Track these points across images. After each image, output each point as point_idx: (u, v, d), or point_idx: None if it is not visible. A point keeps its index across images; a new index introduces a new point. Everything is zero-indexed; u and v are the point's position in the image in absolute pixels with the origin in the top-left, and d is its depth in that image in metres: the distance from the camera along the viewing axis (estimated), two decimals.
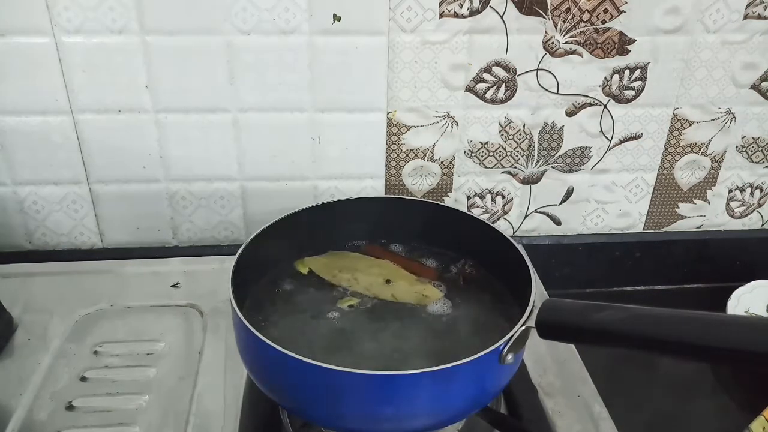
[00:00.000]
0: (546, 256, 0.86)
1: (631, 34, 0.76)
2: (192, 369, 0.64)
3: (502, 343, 0.47)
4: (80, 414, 0.59)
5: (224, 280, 0.52)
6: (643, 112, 0.81)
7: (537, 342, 0.50)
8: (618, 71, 0.78)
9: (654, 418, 0.69)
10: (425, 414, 0.48)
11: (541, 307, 0.48)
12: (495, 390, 0.53)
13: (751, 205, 0.91)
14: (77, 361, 0.64)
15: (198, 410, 0.59)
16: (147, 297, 0.74)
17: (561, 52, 0.76)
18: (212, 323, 0.70)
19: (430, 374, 0.45)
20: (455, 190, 0.84)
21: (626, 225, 0.90)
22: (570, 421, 0.60)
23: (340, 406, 0.48)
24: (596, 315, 0.45)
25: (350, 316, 0.58)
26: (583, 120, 0.81)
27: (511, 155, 0.82)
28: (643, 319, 0.44)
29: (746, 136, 0.85)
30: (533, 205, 0.87)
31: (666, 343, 0.43)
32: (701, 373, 0.75)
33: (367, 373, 0.45)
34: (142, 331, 0.69)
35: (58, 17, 0.68)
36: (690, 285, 0.90)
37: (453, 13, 0.72)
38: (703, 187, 0.88)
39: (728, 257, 0.90)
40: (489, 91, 0.77)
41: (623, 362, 0.75)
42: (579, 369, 0.66)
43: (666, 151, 0.84)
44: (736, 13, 0.76)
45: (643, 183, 0.87)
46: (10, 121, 0.73)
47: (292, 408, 0.54)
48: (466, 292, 0.61)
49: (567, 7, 0.73)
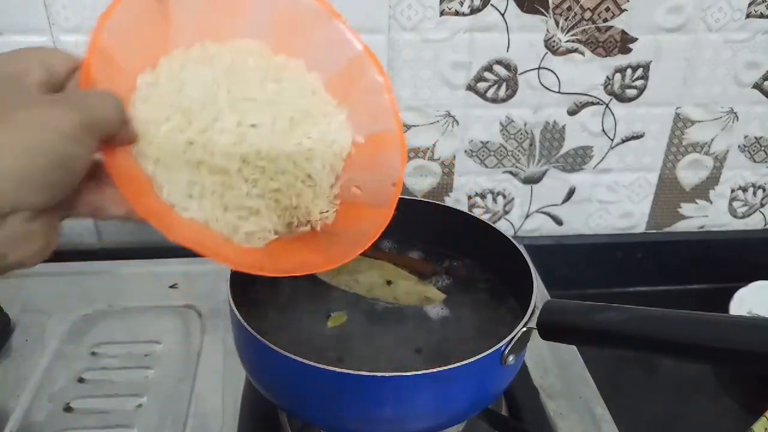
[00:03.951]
0: (547, 257, 0.86)
1: (633, 33, 0.75)
2: (190, 370, 0.64)
3: (503, 345, 0.47)
4: (78, 415, 0.59)
5: (223, 280, 0.51)
6: (645, 112, 0.81)
7: (538, 343, 0.49)
8: (620, 70, 0.78)
9: (656, 420, 0.69)
10: (426, 415, 0.48)
11: (542, 308, 0.48)
12: (496, 391, 0.52)
13: (753, 206, 0.90)
14: (75, 362, 0.64)
15: (196, 411, 0.59)
16: (145, 298, 0.73)
17: (562, 51, 0.75)
18: (211, 324, 0.70)
19: (430, 375, 0.44)
20: (456, 189, 0.84)
21: (628, 225, 0.89)
22: (571, 423, 0.60)
23: (340, 407, 0.47)
24: (598, 316, 0.45)
25: (350, 317, 0.58)
26: (585, 119, 0.80)
27: (513, 155, 0.82)
28: (645, 320, 0.44)
29: (749, 136, 0.84)
30: (534, 205, 0.86)
31: (668, 344, 0.43)
32: (703, 374, 0.75)
33: (367, 374, 0.45)
34: (141, 332, 0.69)
35: (56, 16, 0.68)
36: (692, 285, 0.90)
37: (454, 11, 0.72)
38: (706, 187, 0.88)
39: (731, 258, 0.90)
40: (490, 90, 0.77)
41: (625, 363, 0.75)
42: (581, 370, 0.66)
43: (668, 151, 0.84)
44: (738, 12, 0.75)
45: (646, 183, 0.86)
46: None
47: (291, 409, 0.54)
48: (466, 293, 0.61)
49: (569, 5, 0.73)
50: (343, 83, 0.46)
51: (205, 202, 0.41)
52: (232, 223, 0.42)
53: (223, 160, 0.41)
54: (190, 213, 0.41)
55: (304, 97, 0.44)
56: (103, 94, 0.37)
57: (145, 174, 0.40)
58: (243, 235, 0.43)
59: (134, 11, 0.39)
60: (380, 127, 0.46)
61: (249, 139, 0.41)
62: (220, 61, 0.42)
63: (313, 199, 0.45)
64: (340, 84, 0.46)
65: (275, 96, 0.43)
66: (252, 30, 0.44)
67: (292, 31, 0.44)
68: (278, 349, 0.45)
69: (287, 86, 0.44)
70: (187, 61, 0.42)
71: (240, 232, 0.43)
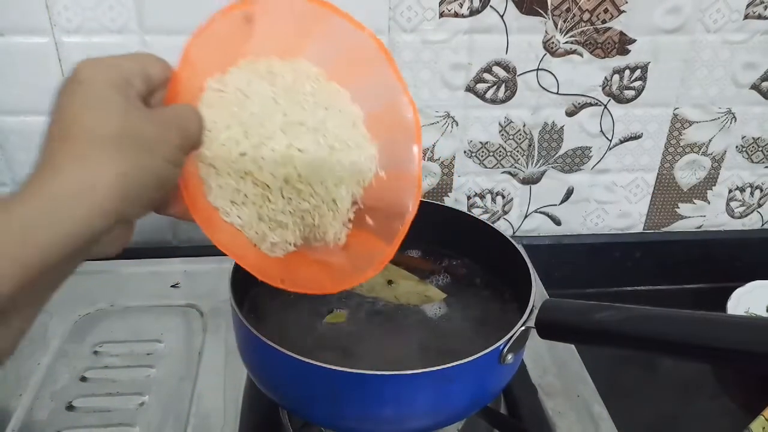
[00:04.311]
0: (546, 257, 0.86)
1: (632, 34, 0.76)
2: (192, 369, 0.64)
3: (502, 343, 0.47)
4: (80, 414, 0.59)
5: (224, 280, 0.52)
6: (643, 112, 0.81)
7: (537, 342, 0.50)
8: (618, 71, 0.78)
9: (654, 419, 0.69)
10: (425, 414, 0.48)
11: (541, 307, 0.48)
12: (495, 390, 0.53)
13: (751, 206, 0.91)
14: (77, 361, 0.64)
15: (198, 410, 0.59)
16: (147, 297, 0.73)
17: (561, 52, 0.76)
18: (212, 323, 0.70)
19: (430, 374, 0.45)
20: (455, 190, 0.84)
21: (626, 225, 0.90)
22: (570, 422, 0.60)
23: (340, 406, 0.48)
24: (596, 315, 0.45)
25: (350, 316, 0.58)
26: (584, 120, 0.81)
27: (511, 155, 0.82)
28: (643, 320, 0.44)
29: (746, 136, 0.85)
30: (533, 205, 0.87)
31: (666, 344, 0.43)
32: (701, 373, 0.75)
33: (367, 373, 0.45)
34: (142, 331, 0.69)
35: (58, 17, 0.68)
36: (690, 285, 0.90)
37: (453, 13, 0.72)
38: (703, 187, 0.88)
39: (728, 257, 0.90)
40: (489, 91, 0.77)
41: (623, 362, 0.75)
42: (579, 369, 0.66)
43: (666, 151, 0.84)
44: (736, 13, 0.76)
45: (643, 183, 0.86)
46: (10, 121, 0.73)
47: (292, 408, 0.54)
48: (466, 293, 0.61)
49: (567, 6, 0.73)
50: (379, 121, 0.49)
51: (245, 210, 0.44)
52: (262, 232, 0.46)
53: (269, 176, 0.44)
54: (230, 218, 0.44)
55: (346, 127, 0.47)
56: (192, 112, 0.39)
57: (198, 176, 0.43)
58: (269, 244, 0.46)
59: (224, 28, 0.42)
60: (403, 168, 0.50)
61: (295, 162, 0.44)
62: (282, 80, 0.45)
63: (331, 220, 0.48)
64: (375, 120, 0.49)
65: (322, 123, 0.46)
66: (316, 54, 0.47)
67: (350, 64, 0.47)
68: (279, 348, 0.46)
69: (333, 114, 0.47)
70: (254, 74, 0.44)
71: (267, 241, 0.46)
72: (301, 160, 0.44)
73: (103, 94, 0.34)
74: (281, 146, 0.44)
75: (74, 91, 0.34)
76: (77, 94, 0.34)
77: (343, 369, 0.45)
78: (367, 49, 0.47)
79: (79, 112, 0.34)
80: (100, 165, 0.33)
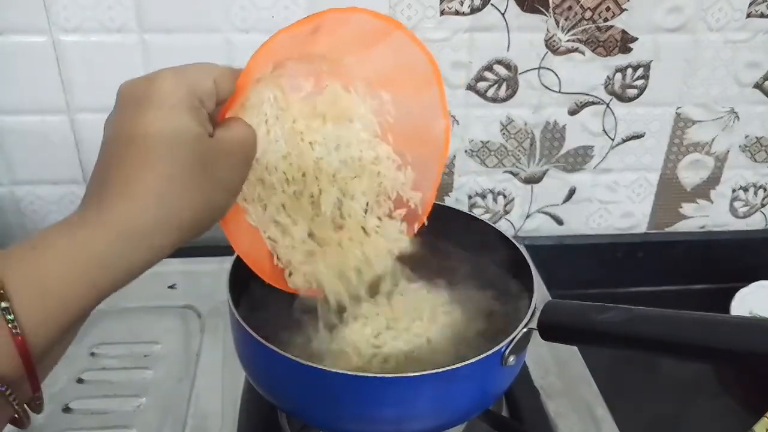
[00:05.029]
0: (548, 257, 0.85)
1: (634, 33, 0.75)
2: (190, 370, 0.64)
3: (503, 345, 0.47)
4: (77, 416, 0.59)
5: (222, 281, 0.51)
6: (645, 111, 0.81)
7: (539, 344, 0.49)
8: (620, 70, 0.77)
9: (656, 420, 0.69)
10: (426, 417, 0.48)
11: (543, 309, 0.48)
12: (497, 392, 0.52)
13: (754, 206, 0.90)
14: (74, 362, 0.64)
15: (196, 412, 0.59)
16: (144, 298, 0.73)
17: (563, 51, 0.75)
18: (210, 324, 0.69)
19: (431, 376, 0.44)
20: (456, 189, 0.83)
21: (629, 225, 0.89)
22: (572, 424, 0.60)
23: (339, 408, 0.47)
24: (599, 316, 0.45)
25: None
26: (586, 119, 0.80)
27: (513, 154, 0.82)
28: (645, 321, 0.44)
29: (749, 136, 0.84)
30: (535, 205, 0.86)
31: (669, 345, 0.43)
32: (704, 374, 0.75)
33: (367, 375, 0.45)
34: (140, 332, 0.68)
35: (56, 16, 0.68)
36: (693, 286, 0.90)
37: (454, 11, 0.72)
38: (707, 186, 0.88)
39: (731, 258, 0.90)
40: (490, 90, 0.77)
41: (626, 364, 0.74)
42: (581, 371, 0.66)
43: (669, 151, 0.84)
44: (738, 12, 0.75)
45: (646, 183, 0.86)
46: (8, 120, 0.73)
47: (290, 410, 0.54)
48: (466, 293, 0.61)
49: (569, 4, 0.72)
50: (413, 140, 0.51)
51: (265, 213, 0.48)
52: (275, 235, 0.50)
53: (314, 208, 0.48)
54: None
55: (389, 168, 0.50)
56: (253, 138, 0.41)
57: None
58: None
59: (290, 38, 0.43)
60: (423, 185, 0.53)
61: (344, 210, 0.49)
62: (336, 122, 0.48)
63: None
64: (408, 138, 0.50)
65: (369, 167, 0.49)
66: (371, 68, 0.48)
67: (401, 81, 0.49)
68: (277, 349, 0.45)
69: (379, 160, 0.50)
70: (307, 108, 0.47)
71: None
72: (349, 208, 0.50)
73: (178, 122, 0.35)
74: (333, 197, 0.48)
75: (150, 106, 0.35)
76: (151, 111, 0.35)
77: (343, 372, 0.44)
78: (421, 69, 0.48)
79: (158, 138, 0.35)
80: (178, 202, 0.35)
